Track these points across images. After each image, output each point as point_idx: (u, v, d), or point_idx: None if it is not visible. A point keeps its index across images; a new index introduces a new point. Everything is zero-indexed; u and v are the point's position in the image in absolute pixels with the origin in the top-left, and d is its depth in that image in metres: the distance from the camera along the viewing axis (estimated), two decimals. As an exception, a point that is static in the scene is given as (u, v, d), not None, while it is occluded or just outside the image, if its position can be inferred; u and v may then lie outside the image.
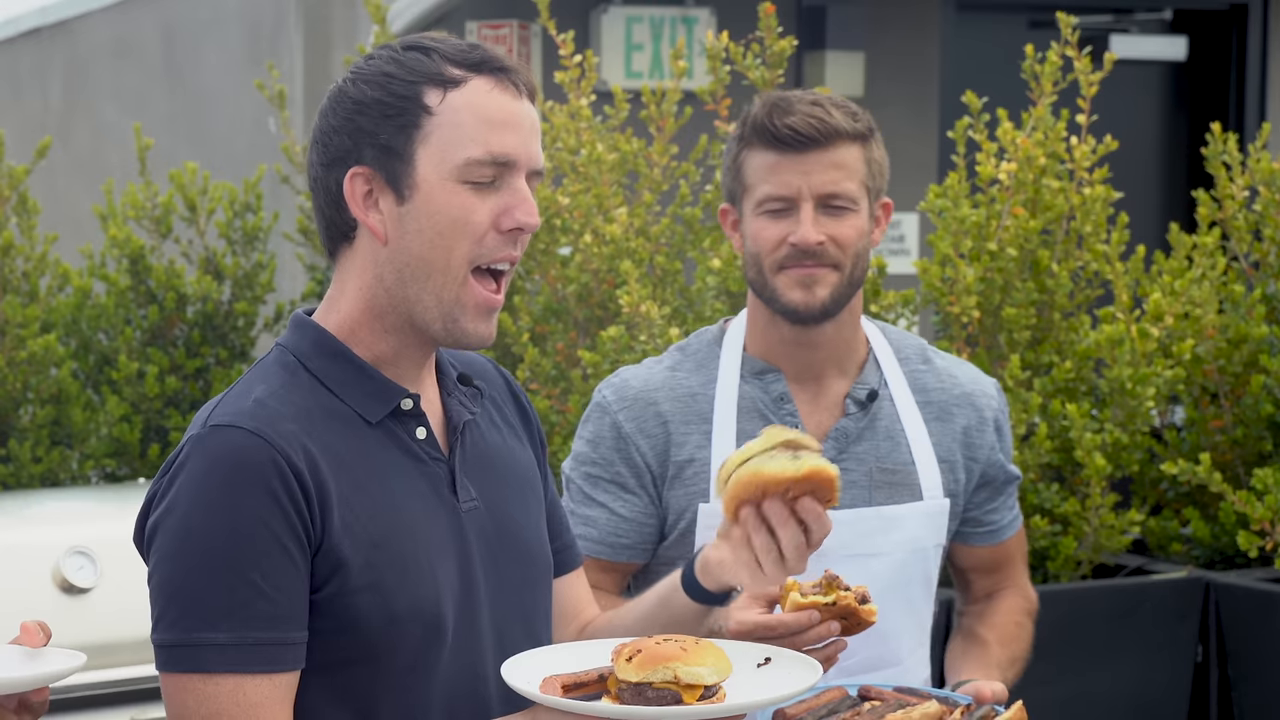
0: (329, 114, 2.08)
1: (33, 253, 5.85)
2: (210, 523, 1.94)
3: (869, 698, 2.41)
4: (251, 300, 6.09)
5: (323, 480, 1.99)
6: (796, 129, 2.62)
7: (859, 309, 2.76)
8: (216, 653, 1.93)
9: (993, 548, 2.93)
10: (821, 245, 2.63)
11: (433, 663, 2.04)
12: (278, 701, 1.96)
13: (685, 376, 2.75)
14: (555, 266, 4.96)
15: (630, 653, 1.93)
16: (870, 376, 2.77)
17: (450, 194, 2.03)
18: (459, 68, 2.04)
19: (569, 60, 5.01)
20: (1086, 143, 4.87)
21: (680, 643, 1.94)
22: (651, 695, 1.91)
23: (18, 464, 5.58)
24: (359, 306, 2.08)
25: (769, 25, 4.75)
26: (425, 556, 2.04)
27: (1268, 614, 4.47)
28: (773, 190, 2.64)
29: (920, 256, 7.25)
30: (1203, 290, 4.85)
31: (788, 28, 5.87)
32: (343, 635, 1.99)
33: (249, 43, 8.73)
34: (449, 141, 2.03)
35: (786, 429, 2.19)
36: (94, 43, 10.37)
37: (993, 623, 2.90)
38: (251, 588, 1.94)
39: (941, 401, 2.81)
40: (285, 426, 1.99)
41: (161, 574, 1.97)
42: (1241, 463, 4.89)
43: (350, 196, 2.05)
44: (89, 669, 4.28)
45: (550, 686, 1.94)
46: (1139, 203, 7.61)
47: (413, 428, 2.09)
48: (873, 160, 2.69)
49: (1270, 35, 8.55)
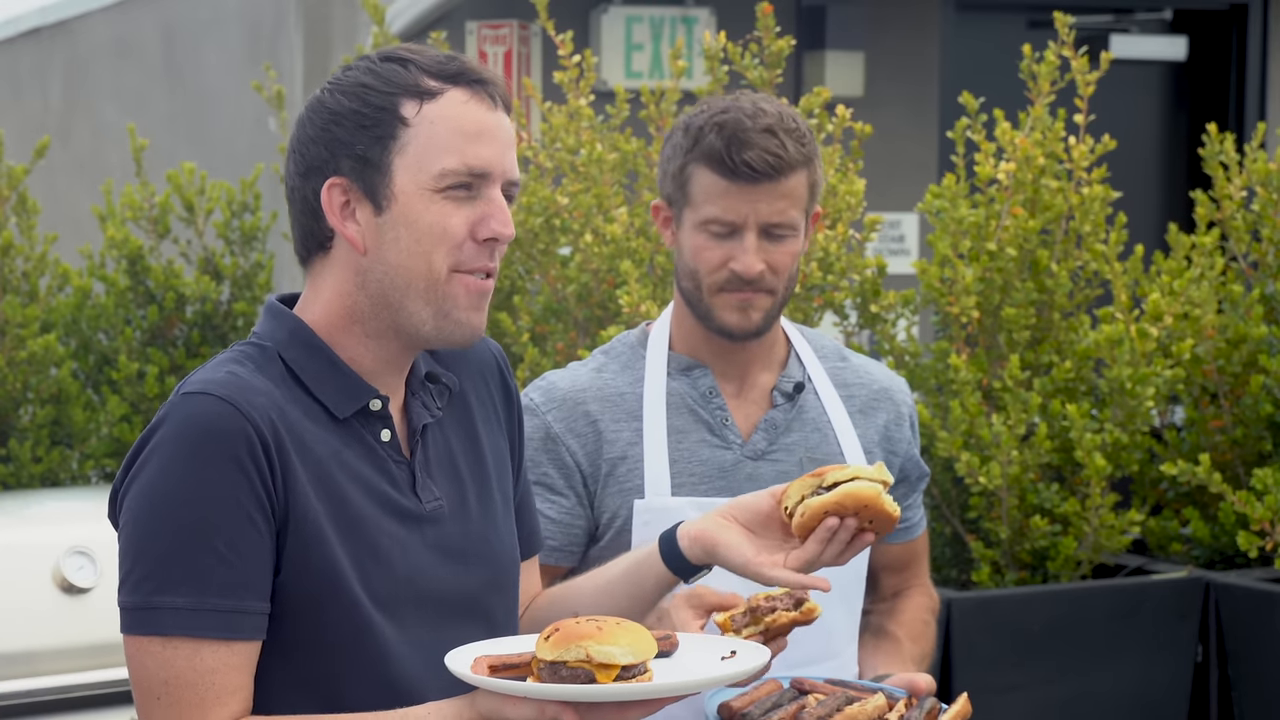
0: (306, 124, 2.10)
1: (33, 253, 5.85)
2: (177, 489, 1.97)
3: (804, 690, 2.44)
4: (250, 300, 6.10)
5: (288, 457, 2.01)
6: (752, 165, 2.63)
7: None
8: (173, 616, 1.96)
9: (904, 546, 2.97)
10: (761, 274, 2.67)
11: (387, 653, 2.06)
12: (235, 669, 1.99)
13: (612, 377, 2.77)
14: (555, 266, 4.96)
15: (549, 631, 1.97)
16: (794, 370, 2.81)
17: (427, 204, 2.05)
18: (435, 79, 2.07)
19: (568, 60, 5.01)
20: (1085, 142, 4.88)
21: (598, 622, 1.97)
22: (565, 674, 1.94)
23: (18, 464, 5.58)
24: (337, 312, 2.10)
25: (767, 25, 4.75)
26: (383, 549, 2.07)
27: (1268, 614, 4.47)
28: (718, 214, 2.67)
29: (919, 257, 7.25)
30: (1202, 290, 4.85)
31: (787, 28, 5.88)
32: (299, 619, 2.02)
33: (249, 43, 8.73)
34: (425, 152, 2.05)
35: (889, 474, 2.33)
36: (94, 43, 10.37)
37: (901, 620, 2.94)
38: (214, 554, 1.96)
39: (862, 397, 2.85)
40: (256, 399, 2.01)
41: (127, 536, 2.00)
42: (1241, 463, 4.89)
43: (328, 207, 2.07)
44: (88, 669, 4.29)
45: (479, 667, 1.98)
46: (1138, 203, 7.62)
47: (378, 429, 2.11)
48: (815, 183, 2.71)
49: (1270, 35, 8.55)
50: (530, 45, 7.52)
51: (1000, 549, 4.68)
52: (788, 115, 2.69)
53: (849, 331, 4.81)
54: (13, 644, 4.25)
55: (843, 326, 4.81)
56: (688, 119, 2.72)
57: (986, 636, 4.42)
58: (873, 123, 4.91)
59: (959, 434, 4.55)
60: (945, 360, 4.65)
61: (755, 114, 2.67)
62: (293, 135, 2.12)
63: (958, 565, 4.83)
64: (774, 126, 2.66)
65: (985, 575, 4.63)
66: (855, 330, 4.83)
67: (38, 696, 4.21)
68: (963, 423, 4.54)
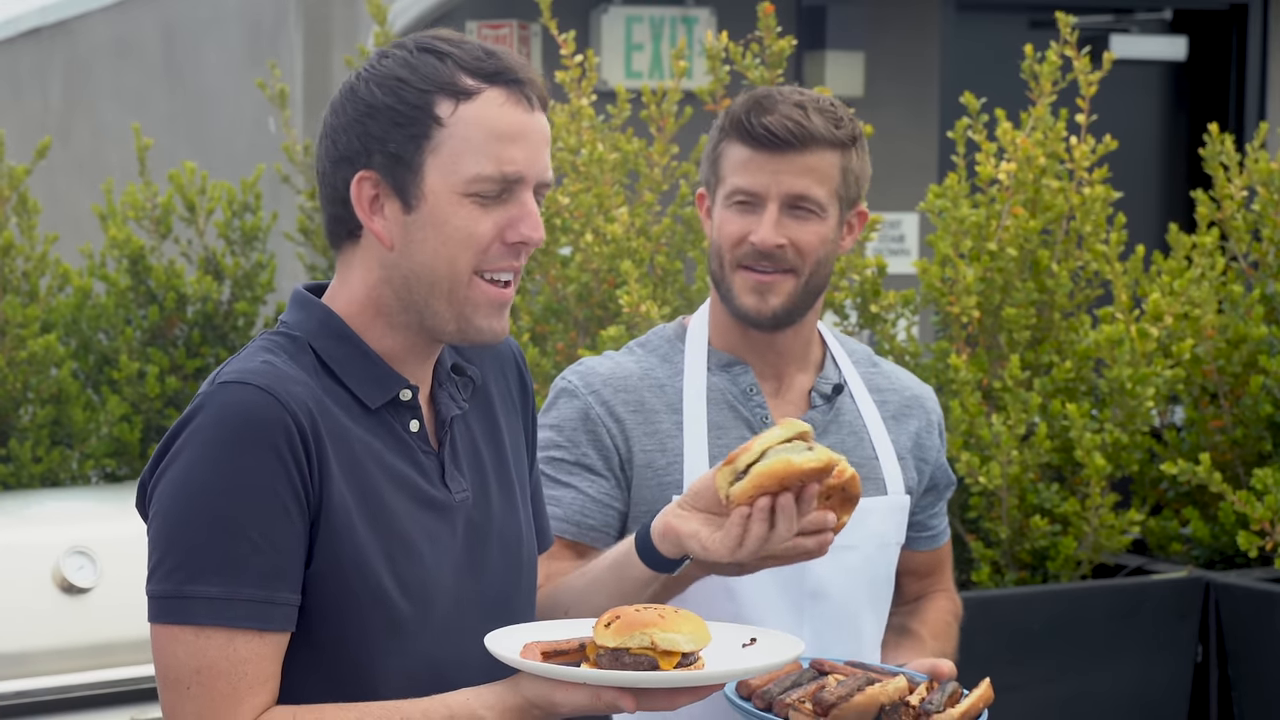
0: (339, 110, 2.07)
1: (33, 253, 5.85)
2: (213, 477, 1.96)
3: (824, 671, 2.43)
4: (251, 300, 6.10)
5: (324, 448, 2.00)
6: (771, 129, 2.61)
7: (819, 310, 2.78)
8: (207, 606, 1.95)
9: (930, 553, 2.95)
10: (781, 249, 2.63)
11: (417, 644, 2.06)
12: (266, 659, 1.98)
13: (651, 368, 2.74)
14: (555, 266, 4.96)
15: (609, 619, 1.98)
16: (831, 373, 2.79)
17: (456, 206, 2.04)
18: (473, 77, 2.05)
19: (569, 60, 5.01)
20: (1086, 142, 4.88)
21: (659, 610, 1.98)
22: (629, 661, 1.95)
23: (18, 464, 5.58)
24: (365, 302, 2.09)
25: (768, 25, 4.75)
26: (413, 540, 2.06)
27: (1268, 614, 4.47)
28: (741, 184, 2.64)
29: (920, 256, 7.25)
30: (1202, 290, 4.85)
31: (788, 28, 5.87)
32: (328, 610, 2.01)
33: (249, 42, 8.73)
34: (458, 155, 2.03)
35: (801, 422, 2.23)
36: (94, 43, 10.37)
37: (924, 619, 2.92)
38: (249, 544, 1.95)
39: (894, 403, 2.83)
40: (294, 388, 2.00)
41: (160, 525, 1.99)
42: (1241, 463, 4.89)
43: (356, 200, 2.06)
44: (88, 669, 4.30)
45: (530, 653, 1.99)
46: (1139, 203, 7.61)
47: (407, 419, 2.11)
48: (849, 169, 2.67)
49: (1270, 35, 8.55)
50: (530, 45, 7.52)
51: (1000, 549, 4.68)
52: (827, 100, 2.68)
53: (849, 331, 4.81)
54: (13, 644, 4.25)
55: (843, 326, 4.81)
56: (731, 103, 2.72)
57: (986, 636, 4.41)
58: (873, 123, 4.90)
59: (959, 434, 4.55)
60: (945, 360, 4.65)
61: (791, 92, 2.66)
62: (325, 120, 2.09)
63: (958, 565, 4.83)
64: (804, 102, 2.64)
65: (985, 575, 4.63)
66: (855, 330, 4.83)
67: (38, 696, 4.21)
68: (963, 423, 4.54)
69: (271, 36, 8.45)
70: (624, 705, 1.96)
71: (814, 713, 2.30)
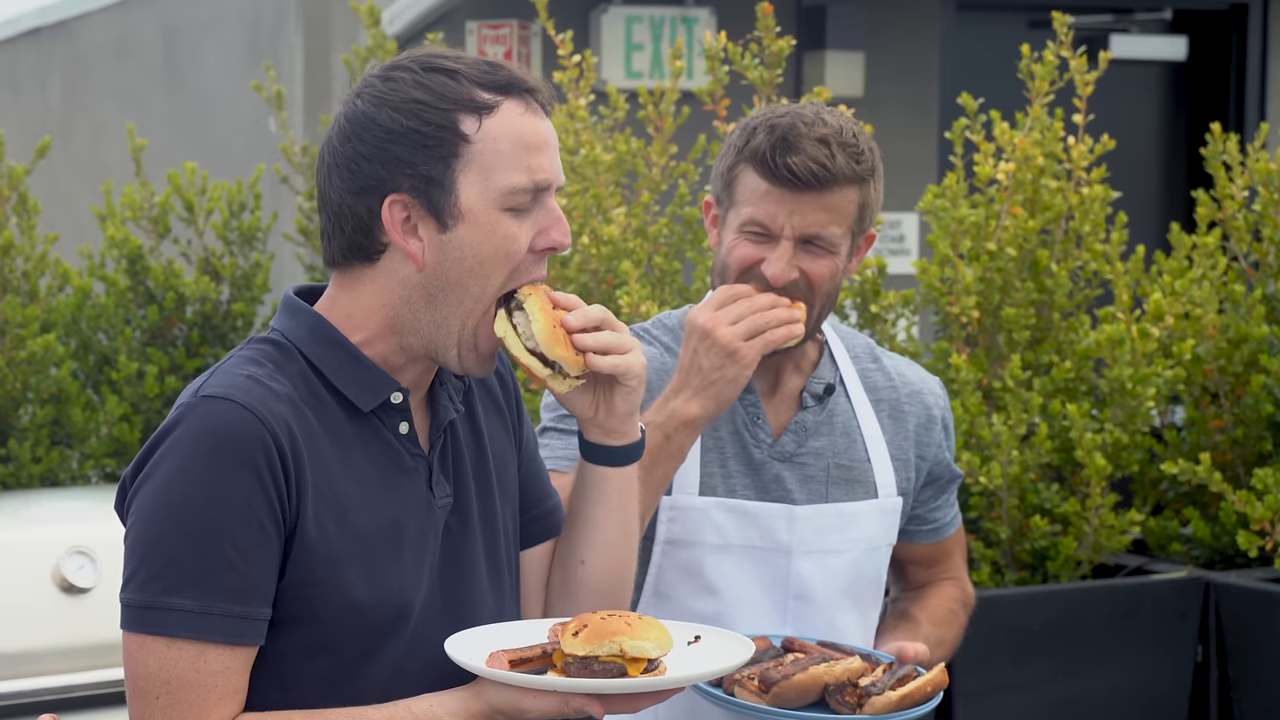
0: (355, 140, 2.06)
1: (33, 253, 5.84)
2: (192, 491, 1.97)
3: (792, 649, 2.45)
4: (250, 300, 6.10)
5: (303, 467, 2.01)
6: (795, 172, 2.57)
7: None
8: (180, 618, 1.97)
9: (933, 545, 2.95)
10: (793, 282, 2.62)
11: (392, 653, 2.07)
12: (236, 672, 2.00)
13: (657, 355, 2.75)
14: (555, 266, 4.96)
15: (576, 627, 2.02)
16: (825, 371, 2.78)
17: (495, 221, 2.05)
18: (488, 91, 2.06)
19: (568, 60, 5.01)
20: (1084, 142, 4.88)
21: (624, 618, 2.03)
22: (598, 668, 2.00)
23: (18, 464, 5.58)
24: (380, 323, 2.10)
25: (767, 25, 4.75)
26: (394, 550, 2.08)
27: (1268, 614, 4.47)
28: (757, 216, 2.62)
29: (920, 256, 7.25)
30: (1203, 290, 4.85)
31: (787, 28, 5.87)
32: (299, 625, 2.03)
33: (249, 43, 8.73)
34: (490, 169, 2.05)
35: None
36: (94, 43, 10.37)
37: (925, 604, 2.92)
38: (223, 559, 1.97)
39: (893, 400, 2.82)
40: (276, 406, 2.01)
41: (137, 535, 2.00)
42: (1241, 463, 4.89)
43: (389, 223, 2.06)
44: (88, 669, 4.29)
45: (497, 661, 2.02)
46: (1139, 203, 7.61)
47: (396, 422, 2.11)
48: (866, 204, 2.65)
49: (1270, 35, 8.55)
50: (530, 45, 7.52)
51: (1000, 549, 4.68)
52: (849, 130, 2.63)
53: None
54: (13, 644, 4.25)
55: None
56: (748, 119, 2.68)
57: (986, 636, 4.41)
58: (873, 123, 4.88)
59: (959, 434, 4.55)
60: (945, 360, 4.65)
61: (814, 122, 2.61)
62: (334, 150, 2.09)
63: (958, 565, 4.83)
64: (828, 137, 2.60)
65: (985, 575, 4.63)
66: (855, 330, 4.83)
67: (38, 696, 4.21)
68: (963, 423, 4.54)
69: (271, 37, 8.46)
70: (591, 711, 2.00)
71: (758, 689, 2.35)
